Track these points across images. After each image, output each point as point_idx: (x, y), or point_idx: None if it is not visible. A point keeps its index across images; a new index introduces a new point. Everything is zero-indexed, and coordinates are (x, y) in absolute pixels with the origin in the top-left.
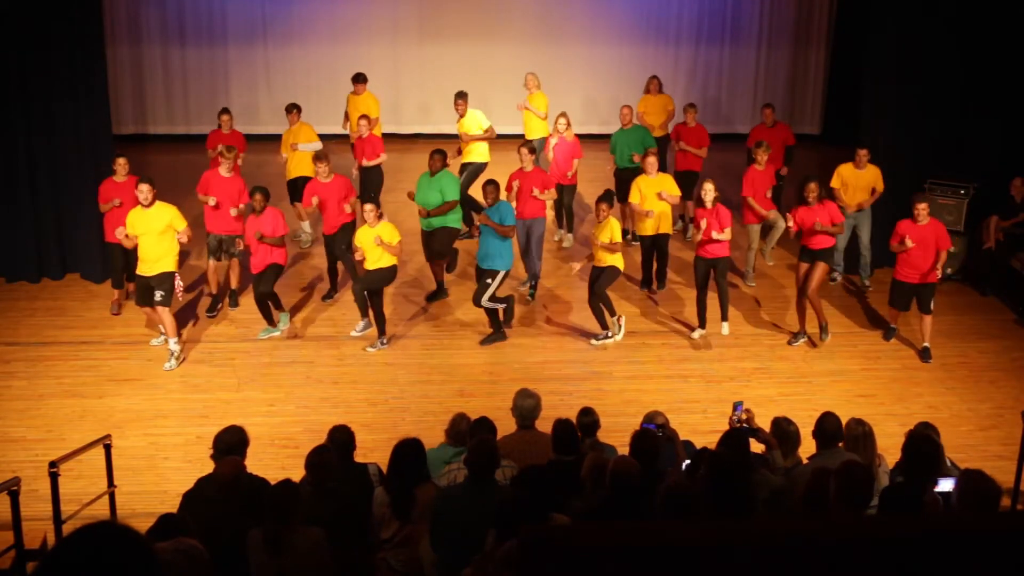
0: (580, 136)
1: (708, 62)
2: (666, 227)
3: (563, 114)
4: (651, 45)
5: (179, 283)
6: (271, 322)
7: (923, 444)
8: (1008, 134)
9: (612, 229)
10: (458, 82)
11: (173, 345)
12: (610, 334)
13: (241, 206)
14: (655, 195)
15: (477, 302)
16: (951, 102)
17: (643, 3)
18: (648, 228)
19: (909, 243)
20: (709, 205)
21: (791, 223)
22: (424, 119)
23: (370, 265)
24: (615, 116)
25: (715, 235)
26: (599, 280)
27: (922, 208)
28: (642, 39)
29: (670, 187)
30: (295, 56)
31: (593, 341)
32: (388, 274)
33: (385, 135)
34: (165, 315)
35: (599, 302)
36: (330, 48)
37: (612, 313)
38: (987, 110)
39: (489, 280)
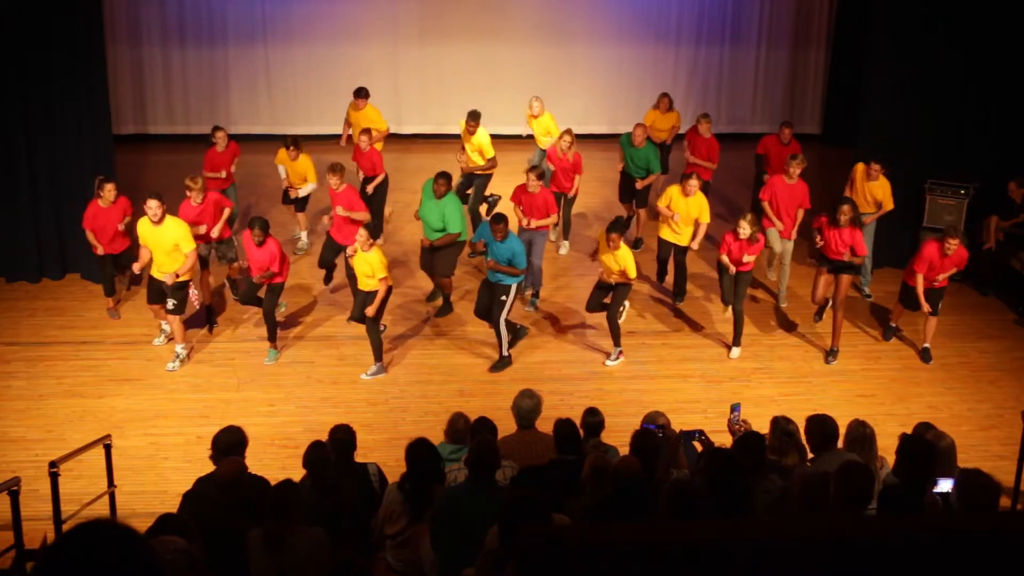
0: (580, 136)
1: (708, 62)
2: (686, 240)
3: (568, 131)
4: (651, 45)
5: (194, 292)
6: (274, 342)
7: (916, 446)
8: (1008, 134)
9: (626, 262)
10: (458, 83)
11: (180, 350)
12: (620, 352)
13: (226, 211)
14: (685, 214)
15: (496, 321)
16: (951, 102)
17: (643, 3)
18: (669, 235)
19: (920, 292)
20: (746, 242)
21: (816, 234)
22: (424, 120)
23: (362, 286)
24: (615, 116)
25: (746, 258)
26: (614, 300)
27: (954, 244)
28: (642, 39)
29: (703, 213)
30: (295, 56)
31: (608, 362)
32: (383, 297)
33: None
34: (175, 323)
35: (615, 321)
36: (330, 48)
37: (617, 343)
38: (987, 110)
39: (504, 297)
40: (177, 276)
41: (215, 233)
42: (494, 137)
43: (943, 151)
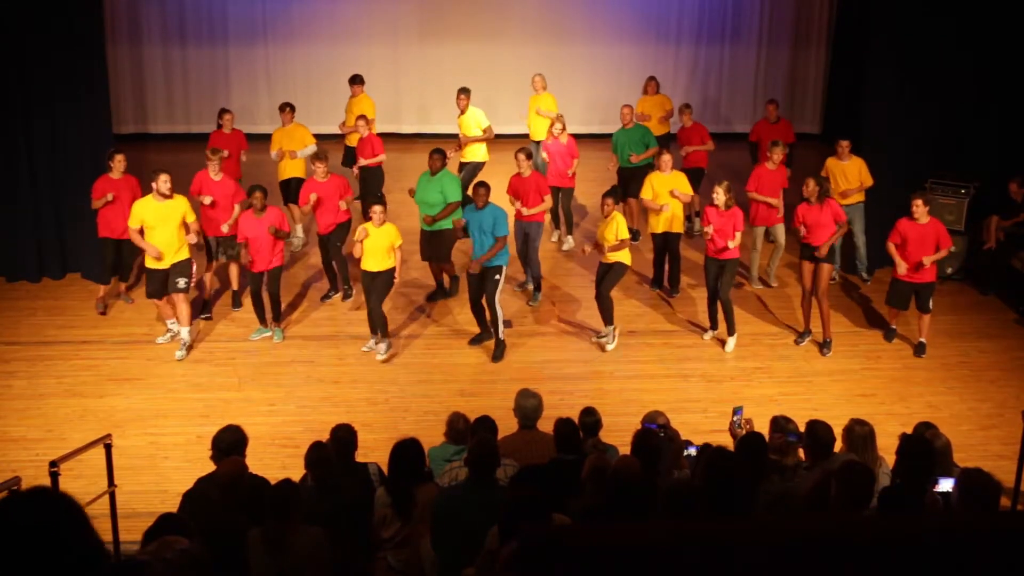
0: (580, 136)
1: (708, 62)
2: (677, 226)
3: (559, 117)
4: (651, 45)
5: (194, 269)
6: (264, 322)
7: (917, 446)
8: (1008, 134)
9: (618, 226)
10: (458, 82)
11: (185, 334)
12: (615, 331)
13: (236, 208)
14: (668, 192)
15: (490, 301)
16: (951, 102)
17: (643, 3)
18: (659, 225)
19: (897, 261)
20: (723, 208)
21: (800, 227)
22: (424, 119)
23: (372, 266)
24: (615, 115)
25: (730, 244)
26: (606, 278)
27: (918, 204)
28: (642, 39)
29: (683, 185)
30: (295, 56)
31: (594, 338)
32: (392, 276)
33: (385, 135)
34: (183, 303)
35: (606, 301)
36: (330, 48)
37: (609, 323)
38: (987, 109)
39: (497, 276)
40: (197, 237)
41: (225, 229)
42: (495, 136)
43: (943, 151)
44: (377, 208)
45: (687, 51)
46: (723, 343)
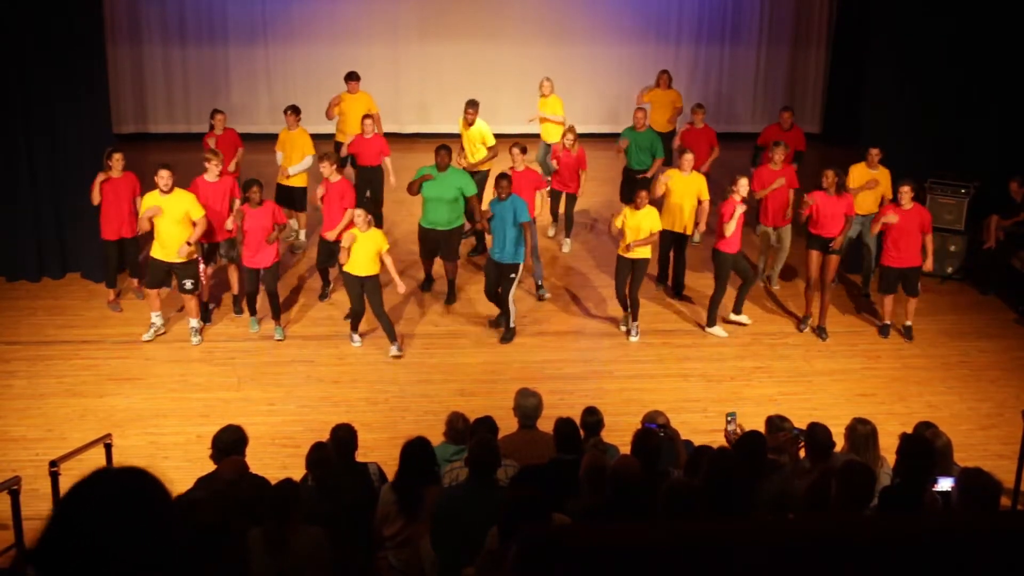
0: (582, 135)
1: (708, 61)
2: (689, 228)
3: (571, 128)
4: (652, 44)
5: (202, 267)
6: (255, 312)
7: (917, 445)
8: (1008, 134)
9: (652, 220)
10: (459, 82)
11: (195, 323)
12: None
13: (235, 202)
14: (684, 193)
15: (505, 298)
16: (951, 101)
17: (643, 3)
18: (669, 224)
19: (891, 218)
20: (741, 197)
21: (807, 208)
22: (424, 119)
23: (357, 270)
24: (615, 115)
25: (728, 231)
26: (634, 279)
27: (905, 191)
28: (643, 38)
29: (703, 191)
30: (295, 56)
31: (631, 338)
32: (377, 281)
33: (385, 135)
34: (191, 300)
35: (636, 300)
36: (330, 48)
37: (635, 318)
38: (987, 109)
39: (513, 275)
40: (190, 243)
41: (229, 225)
42: (495, 136)
43: (943, 150)
44: (359, 212)
45: (687, 51)
46: (702, 327)
